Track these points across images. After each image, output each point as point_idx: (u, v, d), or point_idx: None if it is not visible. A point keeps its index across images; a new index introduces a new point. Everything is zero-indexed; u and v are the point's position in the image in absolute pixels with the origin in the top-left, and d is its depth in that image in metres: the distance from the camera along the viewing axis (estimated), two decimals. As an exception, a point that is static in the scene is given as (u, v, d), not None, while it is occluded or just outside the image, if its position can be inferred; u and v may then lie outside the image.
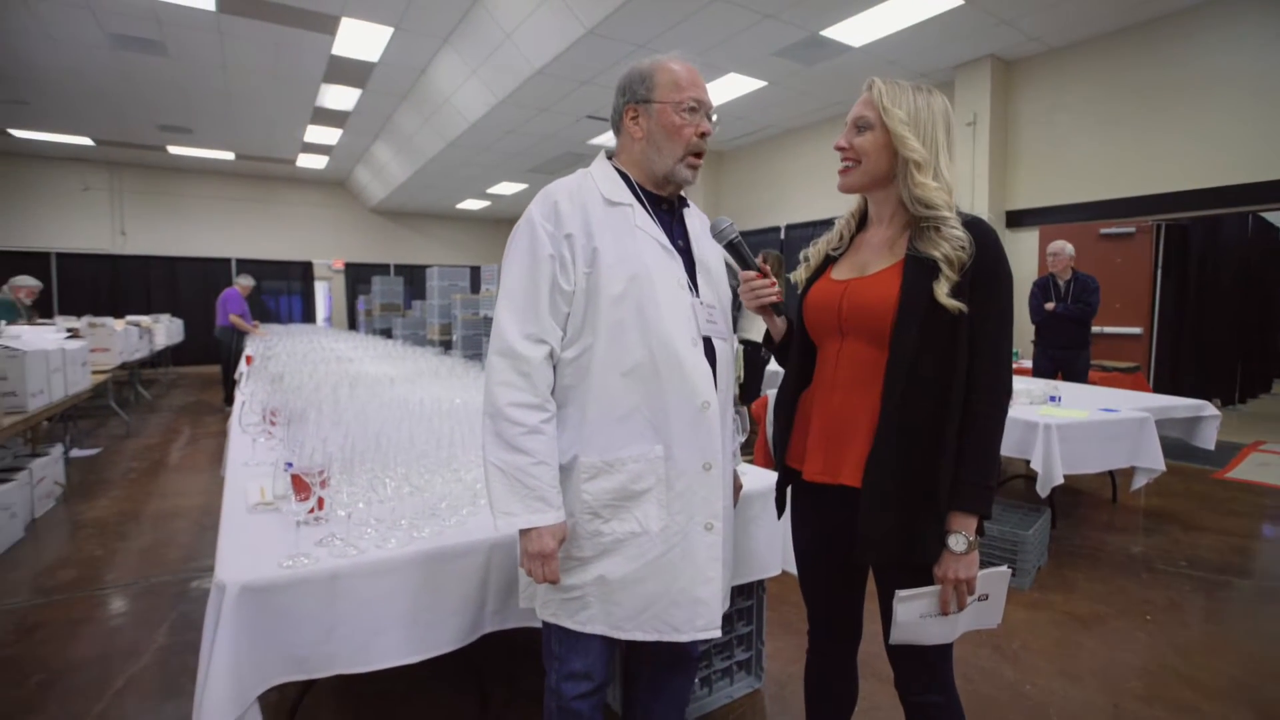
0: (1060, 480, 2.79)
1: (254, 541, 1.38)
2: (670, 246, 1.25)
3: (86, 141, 10.39)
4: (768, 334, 1.38)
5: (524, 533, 1.15)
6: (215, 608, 1.17)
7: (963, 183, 6.72)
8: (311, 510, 1.47)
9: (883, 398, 1.08)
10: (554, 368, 1.21)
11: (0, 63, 7.07)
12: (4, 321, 4.86)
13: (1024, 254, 6.57)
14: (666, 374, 1.19)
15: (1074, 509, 3.78)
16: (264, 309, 12.86)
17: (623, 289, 1.17)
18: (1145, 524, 3.59)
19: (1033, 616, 2.52)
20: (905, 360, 1.06)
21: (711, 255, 1.35)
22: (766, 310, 1.28)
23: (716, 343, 1.27)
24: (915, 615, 1.08)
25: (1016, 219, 6.66)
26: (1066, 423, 2.89)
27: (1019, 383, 3.62)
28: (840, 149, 1.19)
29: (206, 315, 7.29)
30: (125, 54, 6.89)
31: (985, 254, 1.07)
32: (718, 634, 1.23)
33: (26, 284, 6.03)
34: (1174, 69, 5.53)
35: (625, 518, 1.18)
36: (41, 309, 8.21)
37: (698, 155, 1.27)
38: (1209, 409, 3.50)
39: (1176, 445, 3.65)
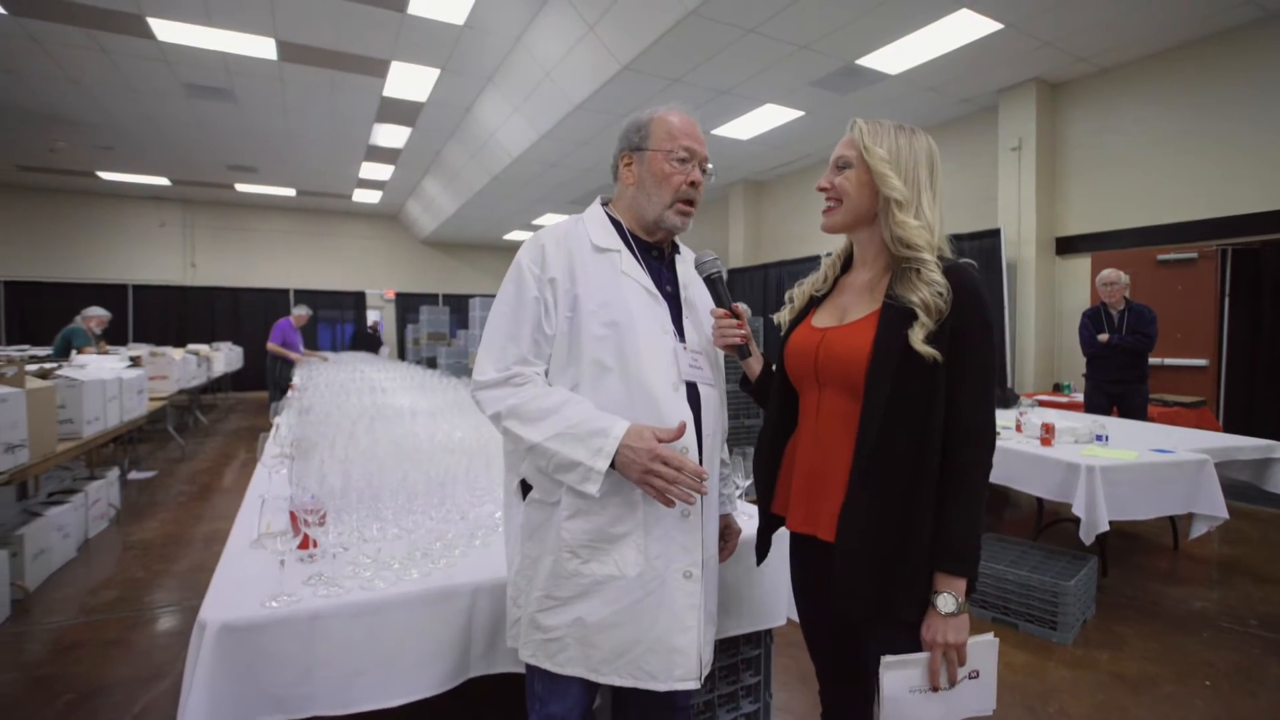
0: (1105, 528, 2.59)
1: (245, 578, 1.41)
2: (656, 292, 1.26)
3: (164, 181, 11.20)
4: (744, 374, 1.36)
5: (617, 464, 1.09)
6: (195, 646, 1.19)
7: (1009, 209, 6.51)
8: (304, 546, 1.50)
9: (855, 451, 1.03)
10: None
11: (90, 114, 7.78)
12: (75, 350, 5.22)
13: (1076, 282, 6.28)
14: (644, 418, 1.17)
15: (1129, 556, 3.52)
16: (317, 337, 13.40)
17: (604, 333, 1.19)
18: (1211, 575, 3.31)
19: (1075, 676, 2.33)
20: (878, 412, 1.02)
21: (701, 302, 1.35)
22: (732, 351, 1.29)
23: (701, 388, 1.26)
24: (904, 688, 1.00)
25: (1067, 245, 6.38)
26: (1112, 465, 2.70)
27: (1063, 420, 3.42)
28: (822, 189, 1.18)
29: (265, 343, 7.68)
30: (198, 102, 7.44)
31: (965, 301, 1.03)
32: (696, 685, 1.19)
33: (97, 314, 6.53)
34: (1237, 85, 5.24)
35: (604, 560, 1.17)
36: (116, 337, 8.78)
37: (688, 203, 1.28)
38: (1280, 450, 3.23)
39: (1252, 487, 3.36)
